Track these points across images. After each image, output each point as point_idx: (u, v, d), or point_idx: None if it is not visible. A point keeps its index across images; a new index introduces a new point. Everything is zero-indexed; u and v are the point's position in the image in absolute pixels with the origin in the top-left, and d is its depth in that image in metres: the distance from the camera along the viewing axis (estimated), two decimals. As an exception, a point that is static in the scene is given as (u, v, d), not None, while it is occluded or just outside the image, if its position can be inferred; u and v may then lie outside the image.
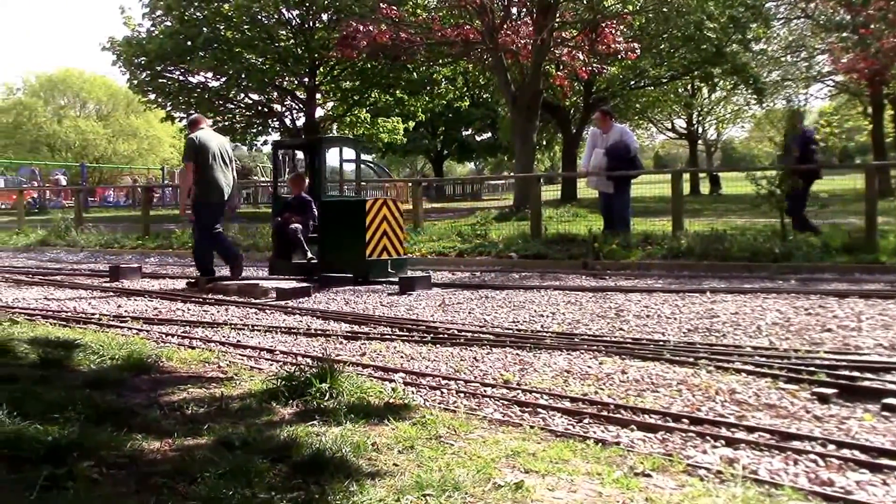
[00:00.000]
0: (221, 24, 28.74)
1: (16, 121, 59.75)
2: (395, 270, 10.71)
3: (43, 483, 3.04)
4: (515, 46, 20.52)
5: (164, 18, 29.37)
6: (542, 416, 4.42)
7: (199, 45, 27.90)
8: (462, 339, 6.50)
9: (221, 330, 7.24)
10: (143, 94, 31.63)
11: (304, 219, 11.34)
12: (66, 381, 4.66)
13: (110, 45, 30.03)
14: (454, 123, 52.84)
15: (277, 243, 11.55)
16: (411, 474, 3.22)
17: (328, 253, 10.99)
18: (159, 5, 28.96)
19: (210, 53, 28.12)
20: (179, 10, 28.25)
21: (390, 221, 10.77)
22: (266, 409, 4.20)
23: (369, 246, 10.55)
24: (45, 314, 8.20)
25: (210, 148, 10.45)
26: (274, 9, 28.31)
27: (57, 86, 64.11)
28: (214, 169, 10.41)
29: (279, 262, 11.42)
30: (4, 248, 18.94)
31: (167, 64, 29.38)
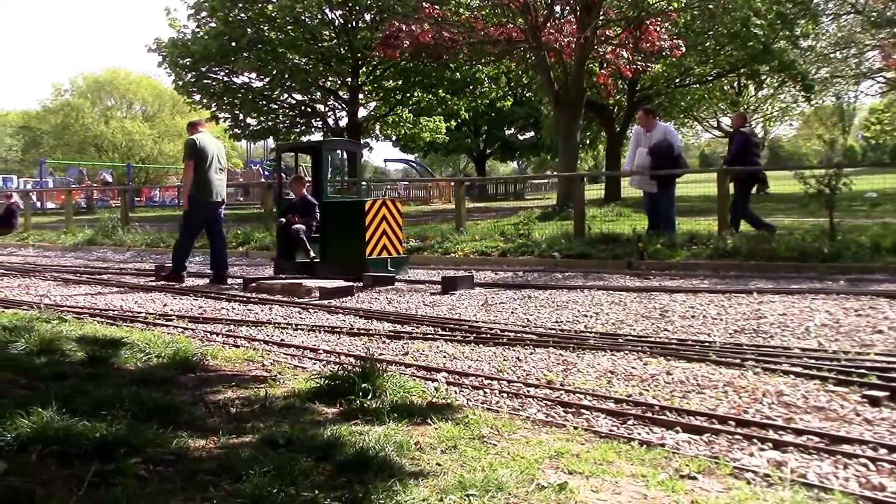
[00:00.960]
0: (265, 25, 29.00)
1: (64, 122, 60.82)
2: (395, 269, 11.01)
3: (91, 479, 3.08)
4: (559, 45, 20.41)
5: (208, 20, 29.70)
6: (586, 416, 4.39)
7: (243, 46, 28.17)
8: (505, 339, 6.48)
9: (265, 329, 7.29)
10: (188, 94, 32.01)
11: (307, 219, 11.74)
12: (113, 379, 4.72)
13: (156, 47, 30.44)
14: (497, 122, 52.74)
15: (281, 243, 11.94)
16: (454, 474, 3.21)
17: (330, 252, 11.34)
18: (204, 7, 29.29)
19: (254, 54, 28.38)
20: (224, 12, 28.55)
21: (389, 221, 11.04)
22: (310, 408, 4.22)
23: (369, 245, 10.84)
24: (92, 312, 8.32)
25: (208, 150, 11.06)
26: (317, 9, 28.50)
27: (104, 87, 65.15)
28: (210, 171, 10.99)
29: (283, 262, 11.76)
30: (53, 248, 19.28)
31: (212, 65, 29.71)
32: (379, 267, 10.84)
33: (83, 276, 12.26)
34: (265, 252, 15.68)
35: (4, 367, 4.93)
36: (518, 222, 15.86)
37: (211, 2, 28.57)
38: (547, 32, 20.38)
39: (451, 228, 15.97)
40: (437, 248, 14.09)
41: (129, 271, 12.99)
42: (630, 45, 20.72)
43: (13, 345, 5.66)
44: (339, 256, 11.18)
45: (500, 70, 30.85)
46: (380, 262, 10.92)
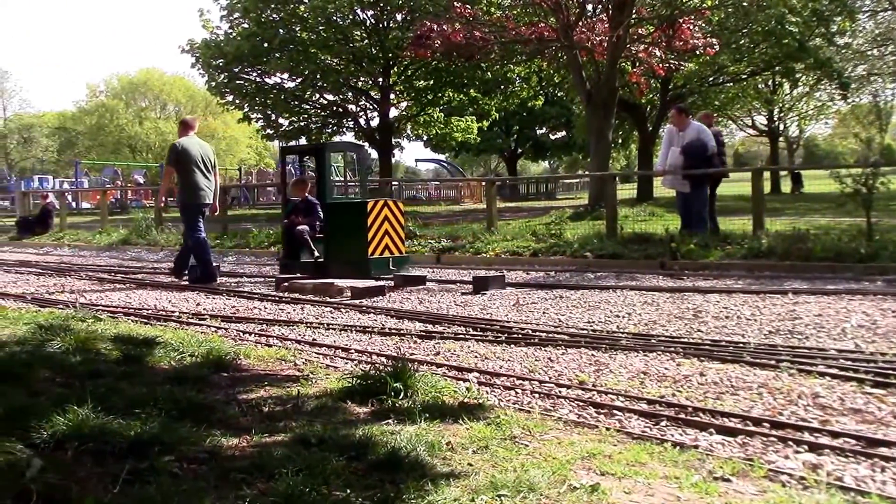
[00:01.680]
0: (297, 26, 29.16)
1: (98, 123, 61.63)
2: (396, 268, 11.11)
3: (126, 477, 3.11)
4: (591, 43, 20.34)
5: (241, 21, 29.93)
6: (618, 417, 4.37)
7: (276, 47, 28.35)
8: (536, 339, 6.46)
9: (297, 328, 7.32)
10: (220, 95, 32.27)
11: (311, 220, 11.97)
12: (147, 378, 4.76)
13: (189, 48, 30.72)
14: (528, 122, 52.68)
15: (287, 244, 12.18)
16: (486, 474, 3.20)
17: (333, 251, 11.45)
18: (237, 8, 29.52)
19: (286, 55, 28.55)
20: (256, 13, 28.75)
21: (391, 221, 11.17)
22: (341, 407, 4.23)
23: (371, 245, 10.95)
24: (126, 312, 8.41)
25: (191, 153, 11.18)
26: (349, 9, 28.60)
27: (138, 88, 65.95)
28: (195, 173, 11.14)
29: (288, 261, 11.95)
30: (88, 247, 19.51)
31: (244, 65, 29.93)
32: (381, 266, 10.99)
33: (118, 275, 12.39)
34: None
35: (41, 366, 4.99)
36: (549, 222, 15.81)
37: (244, 3, 28.79)
38: (579, 31, 20.31)
39: (482, 228, 15.94)
40: (468, 248, 14.08)
41: (162, 271, 13.10)
42: (663, 43, 20.60)
43: (50, 343, 5.73)
44: (343, 256, 11.31)
45: (531, 69, 30.77)
46: (382, 262, 11.05)
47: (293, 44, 28.68)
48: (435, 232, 16.17)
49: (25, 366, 4.87)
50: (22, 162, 67.14)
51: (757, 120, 49.01)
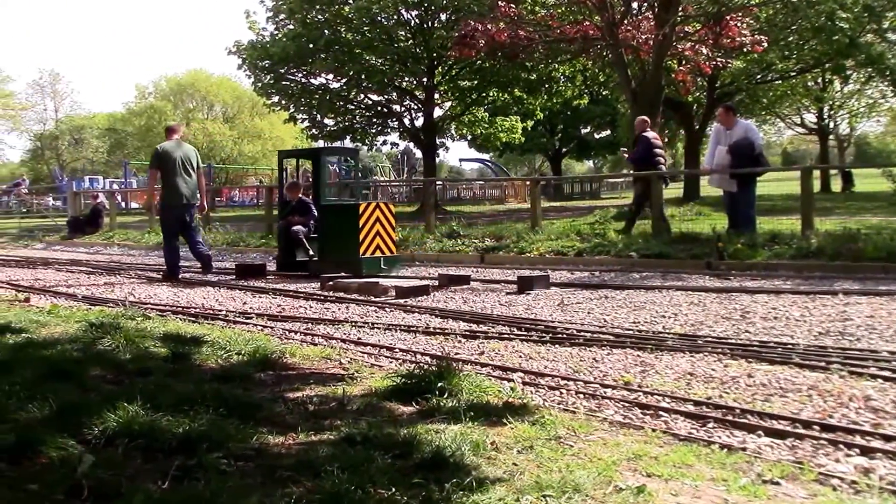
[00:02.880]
0: (342, 27, 29.31)
1: (147, 123, 62.50)
2: (387, 267, 11.69)
3: (174, 473, 3.15)
4: (636, 42, 20.16)
5: (286, 22, 30.15)
6: (665, 419, 4.33)
7: (321, 48, 28.51)
8: (581, 340, 6.43)
9: (342, 327, 7.36)
10: (266, 96, 32.54)
11: (306, 220, 12.57)
12: (195, 376, 4.82)
13: (236, 49, 31.03)
14: (573, 121, 52.45)
15: (282, 243, 12.79)
16: (531, 474, 3.19)
17: (327, 251, 11.98)
18: (282, 9, 29.75)
19: (331, 55, 28.71)
20: (301, 14, 28.96)
21: (383, 223, 11.72)
22: (386, 406, 4.25)
23: (363, 245, 11.48)
24: (174, 310, 8.52)
25: (172, 157, 11.87)
26: (393, 10, 28.68)
27: (185, 89, 66.78)
28: (175, 176, 11.80)
29: (284, 259, 12.63)
30: (137, 247, 19.81)
31: (290, 66, 30.15)
32: (372, 265, 11.52)
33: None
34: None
35: (92, 363, 5.08)
36: (594, 221, 15.75)
37: (289, 4, 29.01)
38: (624, 29, 20.15)
39: (526, 228, 15.91)
40: (512, 248, 14.05)
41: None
42: (710, 40, 20.35)
43: (100, 341, 5.83)
44: (336, 255, 11.75)
45: (576, 68, 30.59)
46: (373, 261, 11.57)
47: (338, 44, 28.83)
48: (479, 231, 16.17)
49: (77, 363, 4.96)
50: (73, 162, 68.32)
51: (806, 118, 48.24)
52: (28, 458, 3.29)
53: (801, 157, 74.00)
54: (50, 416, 3.80)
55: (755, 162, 12.55)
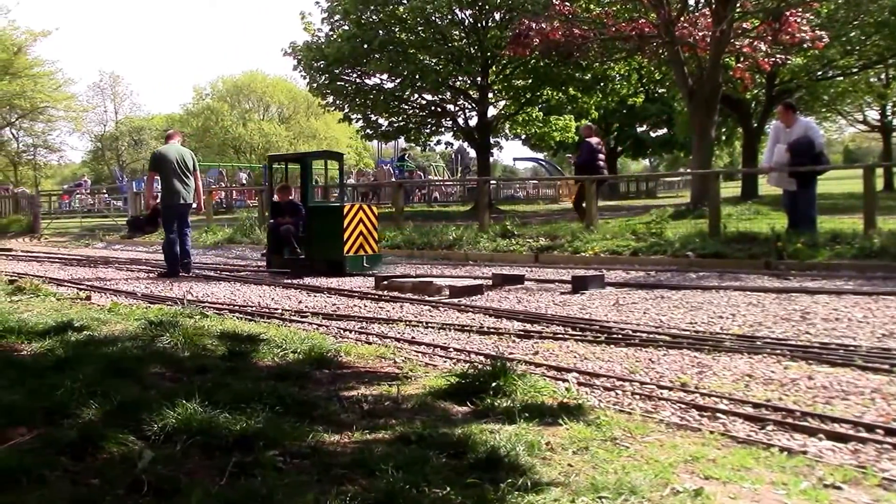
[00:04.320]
0: (396, 27, 29.40)
1: (204, 124, 63.50)
2: (369, 265, 12.46)
3: (232, 469, 3.19)
4: (693, 39, 19.90)
5: (341, 23, 30.33)
6: (722, 421, 4.27)
7: (375, 48, 28.62)
8: (637, 340, 6.37)
9: (396, 326, 7.39)
10: (321, 96, 32.77)
11: (294, 220, 13.14)
12: (252, 373, 4.88)
13: (291, 50, 31.29)
14: (628, 119, 51.95)
15: (272, 241, 13.37)
16: (586, 476, 3.17)
17: (314, 249, 12.79)
18: (337, 10, 29.94)
19: (385, 55, 28.80)
20: (356, 15, 29.10)
21: (366, 223, 12.51)
22: (441, 406, 4.25)
23: (346, 244, 12.24)
24: (231, 308, 8.63)
25: (169, 160, 12.53)
26: (447, 9, 28.68)
27: (242, 90, 67.67)
28: (173, 178, 12.46)
29: (273, 257, 13.24)
30: (195, 246, 20.03)
31: (344, 67, 30.31)
32: (356, 263, 12.32)
33: (223, 273, 12.74)
34: (396, 251, 15.91)
35: (152, 360, 5.17)
36: (650, 221, 15.56)
37: (344, 5, 29.18)
38: (680, 27, 19.90)
39: (580, 227, 15.79)
40: (566, 248, 13.97)
41: (266, 269, 13.42)
42: (769, 37, 19.99)
43: (159, 339, 5.93)
44: (321, 253, 12.61)
45: (631, 66, 30.29)
46: (356, 259, 12.37)
47: (392, 45, 28.91)
48: (533, 231, 16.11)
49: (137, 360, 5.05)
50: (133, 163, 69.55)
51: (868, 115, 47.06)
52: (90, 454, 3.36)
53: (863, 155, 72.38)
54: (111, 413, 3.88)
55: (815, 160, 12.31)
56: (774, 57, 20.74)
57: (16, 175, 49.19)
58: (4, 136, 44.97)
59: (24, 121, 41.74)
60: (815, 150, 12.31)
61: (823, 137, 12.56)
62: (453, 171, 52.11)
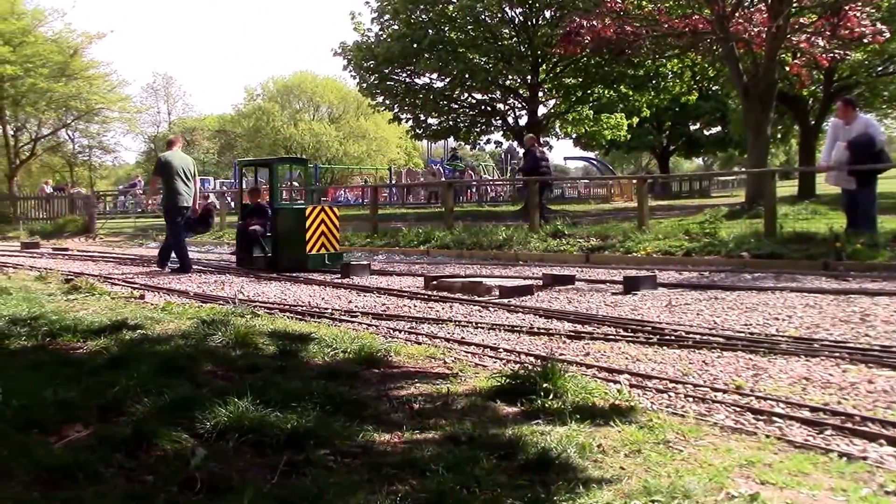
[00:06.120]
0: (446, 26, 29.43)
1: (256, 125, 64.22)
2: (331, 262, 13.24)
3: (283, 468, 3.21)
4: (748, 35, 19.60)
5: (391, 22, 30.44)
6: (779, 425, 4.18)
7: (425, 47, 28.68)
8: (690, 342, 6.27)
9: (446, 326, 7.37)
10: (371, 96, 32.94)
11: (262, 221, 14.24)
12: (302, 372, 4.90)
13: (341, 50, 31.51)
14: (681, 117, 51.41)
15: (241, 241, 14.40)
16: (638, 479, 3.12)
17: (280, 248, 13.70)
18: (387, 10, 30.05)
19: (435, 55, 28.84)
20: (406, 14, 29.20)
21: (327, 224, 13.43)
22: (491, 406, 4.23)
23: (309, 243, 13.17)
24: (282, 308, 8.69)
25: (173, 165, 13.45)
26: (497, 8, 28.64)
27: (292, 90, 68.30)
28: (176, 181, 13.36)
29: (242, 256, 14.25)
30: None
31: (394, 67, 30.43)
32: (317, 261, 13.18)
33: (273, 272, 12.83)
34: (446, 251, 15.91)
35: (204, 359, 5.22)
36: (704, 221, 15.37)
37: (394, 5, 29.29)
38: (735, 22, 19.62)
39: (632, 227, 15.66)
40: (618, 248, 13.85)
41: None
42: (827, 32, 19.59)
43: (211, 337, 5.99)
44: (287, 252, 13.48)
45: (684, 63, 29.94)
46: (318, 257, 13.25)
47: (442, 44, 28.94)
48: (584, 231, 16.00)
49: (190, 359, 5.11)
50: (186, 164, 70.59)
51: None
52: (144, 451, 3.39)
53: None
54: (164, 410, 3.92)
55: (875, 158, 12.05)
56: (833, 52, 20.31)
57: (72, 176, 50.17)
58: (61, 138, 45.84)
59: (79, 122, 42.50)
60: (875, 147, 12.05)
61: (884, 135, 12.29)
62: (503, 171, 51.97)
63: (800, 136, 33.25)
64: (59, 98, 37.76)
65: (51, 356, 5.28)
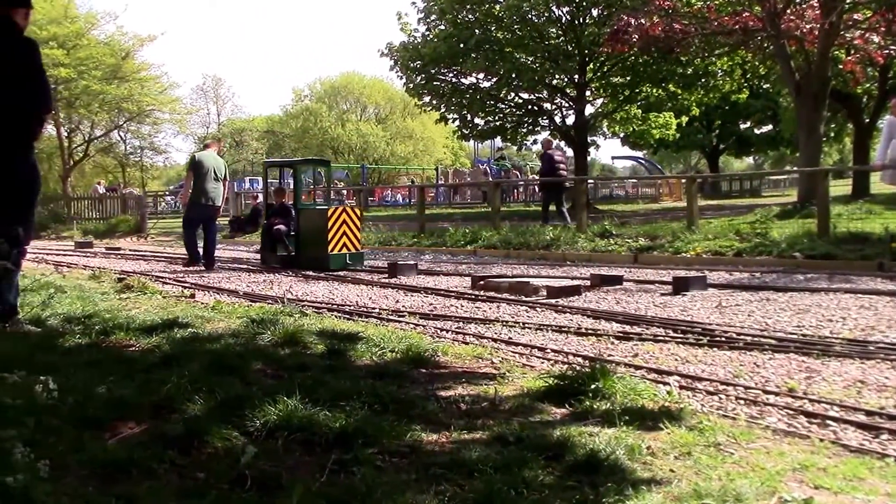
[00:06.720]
0: (492, 26, 29.39)
1: (303, 125, 64.76)
2: (352, 262, 13.59)
3: (332, 466, 3.22)
4: (800, 32, 19.29)
5: (437, 22, 30.46)
6: (833, 428, 4.10)
7: (471, 47, 28.66)
8: (741, 343, 6.19)
9: (493, 326, 7.36)
10: (418, 96, 32.99)
11: (286, 221, 14.74)
12: (350, 372, 4.91)
13: (388, 51, 31.61)
14: (731, 116, 50.76)
15: (266, 240, 14.92)
16: (688, 482, 3.08)
17: (302, 248, 14.13)
18: (433, 10, 30.08)
19: (481, 55, 28.81)
20: (452, 14, 29.21)
21: (349, 224, 13.65)
22: (538, 407, 4.20)
23: (331, 243, 13.38)
24: (330, 307, 8.74)
25: (204, 165, 14.05)
26: (544, 7, 28.52)
27: (339, 91, 68.76)
28: (205, 181, 13.97)
29: (267, 254, 14.78)
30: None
31: (441, 67, 30.45)
32: (339, 260, 13.42)
33: (321, 272, 12.93)
34: (493, 251, 15.89)
35: (253, 358, 5.26)
36: (755, 220, 15.21)
37: (440, 5, 29.31)
38: (787, 19, 19.33)
39: (681, 227, 15.50)
40: (667, 248, 13.73)
41: (363, 268, 13.59)
42: (882, 28, 19.22)
43: (260, 336, 6.04)
44: (309, 251, 13.85)
45: (734, 61, 29.54)
46: (340, 257, 13.49)
47: (489, 43, 28.90)
48: (632, 231, 15.89)
49: (240, 357, 5.15)
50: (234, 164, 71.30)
51: None
52: (195, 448, 3.43)
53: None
54: (215, 408, 3.95)
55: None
56: (888, 49, 19.92)
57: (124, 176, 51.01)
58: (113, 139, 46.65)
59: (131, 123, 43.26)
60: (931, 145, 11.80)
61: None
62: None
63: (853, 135, 32.67)
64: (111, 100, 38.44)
65: (104, 354, 5.35)
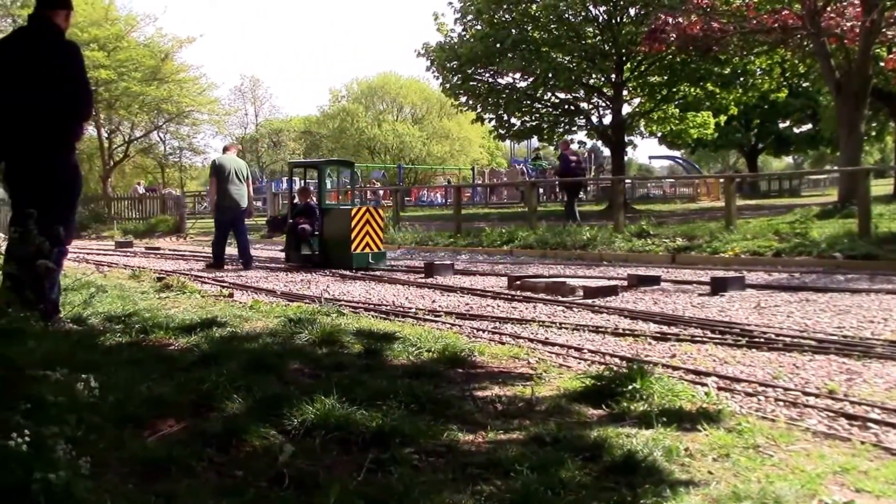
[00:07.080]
0: (529, 25, 29.32)
1: (340, 126, 65.05)
2: (375, 261, 13.71)
3: (369, 465, 3.24)
4: (840, 30, 19.06)
5: (474, 23, 30.45)
6: (874, 431, 4.05)
7: (508, 47, 28.60)
8: (780, 344, 6.13)
9: (529, 326, 7.35)
10: (454, 97, 32.98)
11: (311, 220, 14.84)
12: (387, 371, 4.93)
13: (424, 51, 31.65)
14: (770, 115, 50.12)
15: (291, 239, 15.02)
16: (727, 483, 3.07)
17: (326, 247, 14.33)
18: (470, 10, 30.07)
19: (518, 54, 28.74)
20: (489, 14, 29.18)
21: (372, 224, 13.79)
22: (575, 407, 4.19)
23: (354, 242, 13.53)
24: (366, 307, 8.78)
25: (225, 168, 14.22)
26: (581, 6, 28.41)
27: (376, 92, 68.98)
28: (228, 184, 14.14)
29: (292, 253, 14.92)
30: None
31: (477, 67, 30.42)
32: (362, 260, 13.56)
33: (357, 272, 12.98)
34: (529, 251, 15.86)
35: (291, 357, 5.30)
36: (794, 220, 15.04)
37: (477, 5, 29.29)
38: (827, 17, 19.10)
39: (720, 227, 15.36)
40: (704, 248, 13.62)
41: (399, 268, 13.63)
42: (924, 25, 18.92)
43: (298, 336, 6.08)
44: (333, 250, 14.05)
45: (773, 60, 29.19)
46: (363, 256, 13.62)
47: (525, 43, 28.82)
48: (669, 231, 15.78)
49: (277, 356, 5.19)
50: (272, 164, 71.82)
51: None
52: (234, 446, 3.47)
53: None
54: (253, 407, 3.99)
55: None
56: (931, 47, 19.60)
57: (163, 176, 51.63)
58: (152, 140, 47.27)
59: (170, 124, 43.83)
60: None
61: None
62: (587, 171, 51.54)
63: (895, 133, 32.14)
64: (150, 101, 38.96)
65: (144, 352, 5.42)
